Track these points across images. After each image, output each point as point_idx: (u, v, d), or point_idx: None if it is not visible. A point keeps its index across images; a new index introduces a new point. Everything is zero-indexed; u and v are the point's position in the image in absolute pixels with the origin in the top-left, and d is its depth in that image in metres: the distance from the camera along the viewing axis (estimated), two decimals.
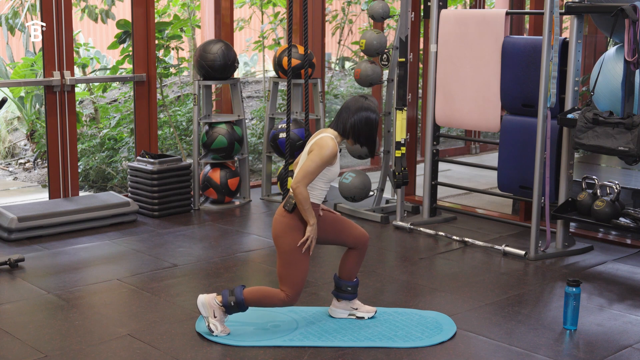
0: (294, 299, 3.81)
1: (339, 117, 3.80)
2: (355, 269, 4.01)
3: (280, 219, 3.78)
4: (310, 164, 3.69)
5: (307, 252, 3.78)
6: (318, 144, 3.72)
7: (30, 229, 5.54)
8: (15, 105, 8.93)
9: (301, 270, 3.77)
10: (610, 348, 3.80)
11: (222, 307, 3.82)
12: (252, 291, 3.82)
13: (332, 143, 3.71)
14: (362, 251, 3.98)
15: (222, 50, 6.39)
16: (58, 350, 3.69)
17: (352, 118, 3.76)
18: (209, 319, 3.83)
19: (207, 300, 3.84)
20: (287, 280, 3.78)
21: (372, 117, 3.77)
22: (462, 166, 7.33)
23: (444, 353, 3.71)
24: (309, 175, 3.69)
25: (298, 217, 3.76)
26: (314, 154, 3.70)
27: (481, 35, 5.57)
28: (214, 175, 6.46)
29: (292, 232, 3.75)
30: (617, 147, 4.60)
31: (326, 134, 3.76)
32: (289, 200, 3.76)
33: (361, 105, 3.78)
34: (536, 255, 5.18)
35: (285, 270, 3.78)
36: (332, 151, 3.70)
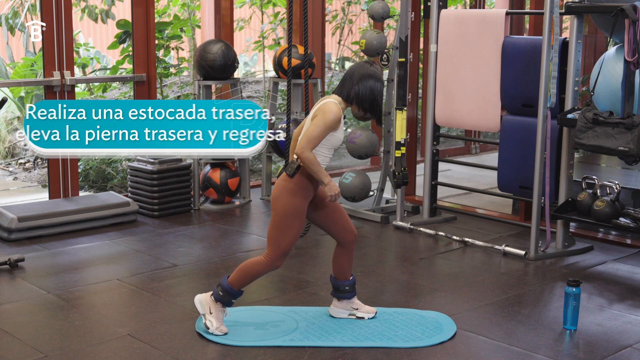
0: (276, 261, 3.80)
1: (344, 83, 3.78)
2: (347, 267, 4.01)
3: (281, 182, 3.78)
4: (314, 129, 3.68)
5: (300, 221, 3.76)
6: (322, 109, 3.71)
7: (30, 229, 5.54)
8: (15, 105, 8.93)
9: (290, 235, 3.76)
10: (610, 348, 3.80)
11: (216, 301, 3.83)
12: (235, 273, 3.84)
13: (335, 108, 3.70)
14: (349, 248, 3.98)
15: (222, 50, 6.40)
16: (58, 350, 3.69)
17: (357, 85, 3.75)
18: (205, 315, 3.85)
19: (203, 297, 3.89)
20: (273, 242, 3.78)
21: (376, 85, 3.77)
22: (462, 166, 7.33)
23: (444, 353, 3.71)
24: (312, 140, 3.68)
25: (298, 182, 3.75)
26: (317, 119, 3.70)
27: (481, 35, 5.57)
28: (214, 175, 6.46)
29: (290, 196, 3.75)
30: (617, 147, 4.60)
31: (330, 99, 3.76)
32: (290, 165, 3.76)
33: (366, 71, 3.76)
34: (536, 255, 5.17)
35: (274, 233, 3.78)
36: (336, 116, 3.69)
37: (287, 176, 3.76)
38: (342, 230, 3.94)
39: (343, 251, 3.99)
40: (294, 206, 3.75)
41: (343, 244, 3.97)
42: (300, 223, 3.79)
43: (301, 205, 3.77)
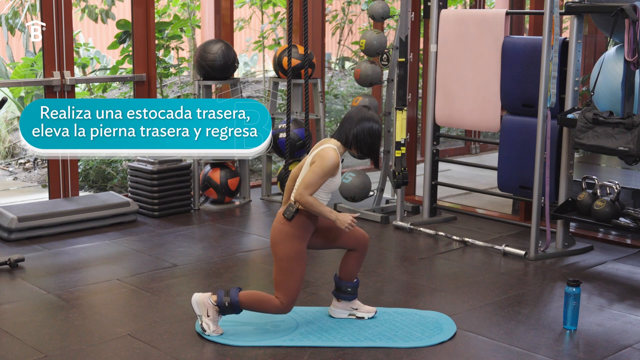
0: (288, 307, 3.81)
1: (342, 127, 3.80)
2: (355, 270, 4.01)
3: (279, 226, 3.78)
4: (312, 176, 3.69)
5: (303, 261, 3.78)
6: (320, 155, 3.72)
7: (30, 229, 5.54)
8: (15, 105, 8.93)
9: (296, 278, 3.77)
10: (610, 348, 3.80)
11: (216, 306, 3.83)
12: (248, 294, 3.83)
13: (334, 154, 3.71)
14: (362, 252, 3.99)
15: (222, 50, 6.40)
16: (58, 350, 3.69)
17: (355, 128, 3.76)
18: (202, 317, 3.84)
19: (201, 299, 3.85)
20: (282, 288, 3.78)
21: (375, 128, 3.78)
22: (462, 166, 7.33)
23: (444, 353, 3.71)
24: (311, 186, 3.69)
25: (297, 225, 3.76)
26: (316, 165, 3.70)
27: (481, 35, 5.57)
28: (214, 175, 6.46)
29: (289, 240, 3.75)
30: (617, 147, 4.60)
31: (329, 144, 3.77)
32: (288, 209, 3.75)
33: (364, 115, 3.78)
34: (536, 255, 5.17)
35: (280, 278, 3.78)
36: (334, 162, 3.70)
37: (285, 220, 3.76)
38: (351, 239, 3.94)
39: (355, 254, 3.99)
40: (295, 250, 3.76)
41: (358, 250, 3.98)
42: (303, 263, 3.79)
43: (302, 247, 3.78)
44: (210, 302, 3.82)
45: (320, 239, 3.90)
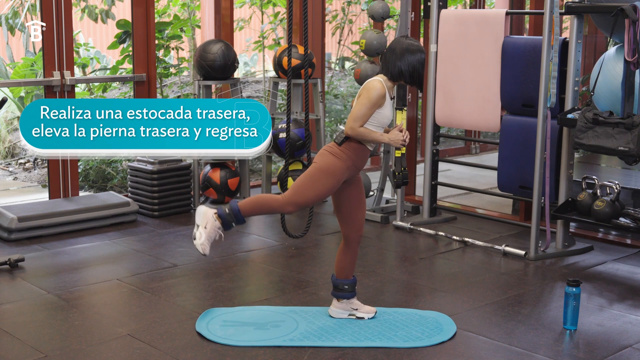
0: (290, 206, 3.79)
1: (387, 62, 3.81)
2: (349, 267, 4.01)
3: (327, 147, 3.83)
4: (359, 108, 3.73)
5: (333, 182, 3.76)
6: (366, 88, 3.77)
7: (30, 229, 5.54)
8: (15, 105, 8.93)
9: (316, 190, 3.77)
10: (610, 348, 3.80)
11: (218, 217, 3.83)
12: (248, 199, 3.86)
13: (379, 85, 3.75)
14: (353, 248, 3.99)
15: (222, 50, 6.40)
16: (58, 350, 3.69)
17: (401, 61, 3.77)
18: (199, 227, 3.86)
19: (206, 211, 3.87)
20: (298, 189, 3.78)
21: (415, 58, 3.78)
22: (462, 166, 7.33)
23: (444, 353, 3.71)
24: (359, 118, 3.72)
25: (344, 151, 3.78)
26: (362, 98, 3.75)
27: (481, 35, 5.57)
28: (214, 175, 6.46)
29: (333, 157, 3.77)
30: (617, 147, 4.60)
31: (375, 77, 3.81)
32: (340, 135, 3.80)
33: (406, 47, 3.78)
34: (536, 255, 5.17)
35: (303, 181, 3.78)
36: (380, 92, 3.73)
37: (335, 144, 3.80)
38: (352, 225, 3.94)
39: (347, 250, 3.99)
40: (333, 165, 3.77)
41: (346, 240, 3.98)
42: (331, 184, 3.77)
43: (340, 168, 3.78)
44: (212, 217, 3.84)
45: (343, 191, 3.89)
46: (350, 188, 3.91)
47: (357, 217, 3.95)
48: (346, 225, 3.96)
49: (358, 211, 3.95)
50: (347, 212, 3.93)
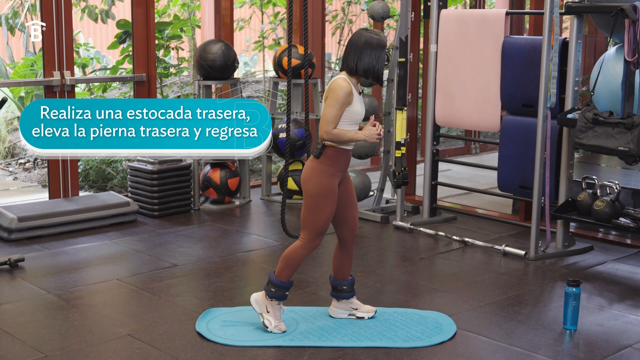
0: (313, 242, 3.82)
1: (347, 57, 3.77)
2: (346, 267, 4.01)
3: (309, 164, 3.83)
4: (329, 110, 3.71)
5: (332, 199, 3.78)
6: (331, 88, 3.74)
7: (30, 229, 5.54)
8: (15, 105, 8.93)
9: (323, 215, 3.78)
10: (610, 348, 3.80)
11: (271, 299, 3.87)
12: (278, 265, 3.87)
13: (344, 83, 3.71)
14: (348, 249, 3.99)
15: (222, 50, 6.40)
16: (58, 350, 3.69)
17: (358, 57, 3.72)
18: (262, 315, 3.89)
19: (259, 296, 3.92)
20: (308, 224, 3.80)
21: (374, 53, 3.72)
22: (462, 166, 7.33)
23: (444, 353, 3.71)
24: (331, 121, 3.70)
25: (325, 162, 3.78)
26: (329, 99, 3.72)
27: (481, 35, 5.57)
28: (214, 175, 6.46)
29: (319, 176, 3.78)
30: (617, 147, 4.60)
31: (338, 76, 3.78)
32: (316, 147, 3.80)
33: (365, 40, 3.73)
34: (536, 255, 5.17)
35: (308, 214, 3.80)
36: (346, 90, 3.70)
37: (314, 157, 3.80)
38: (345, 226, 3.95)
39: (342, 251, 3.99)
40: (325, 185, 3.78)
41: (342, 241, 3.98)
42: (332, 202, 3.80)
43: (331, 184, 3.79)
44: (266, 298, 3.89)
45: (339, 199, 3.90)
46: (340, 189, 3.91)
47: (351, 216, 3.95)
48: (340, 226, 3.96)
49: (351, 211, 3.95)
50: (340, 213, 3.94)
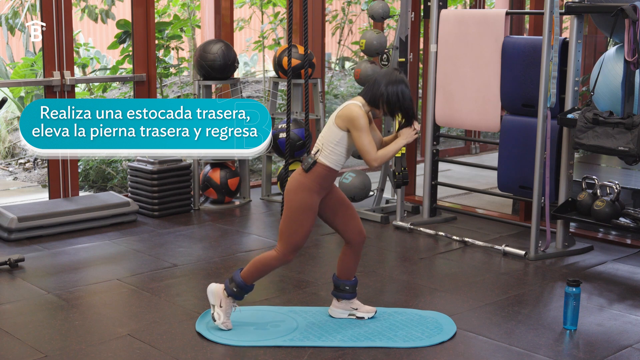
0: (287, 256, 3.83)
1: (370, 87, 3.77)
2: (352, 268, 4.01)
3: (297, 176, 3.82)
4: (361, 141, 3.70)
5: (312, 216, 3.79)
6: (349, 119, 3.70)
7: (30, 229, 5.54)
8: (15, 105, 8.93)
9: (302, 230, 3.79)
10: (610, 348, 3.80)
11: (229, 296, 3.86)
12: (247, 267, 3.88)
13: (358, 110, 3.71)
14: (357, 250, 3.99)
15: (222, 50, 6.40)
16: (58, 350, 3.69)
17: (385, 89, 3.73)
18: (215, 307, 3.89)
19: (216, 289, 3.92)
20: (285, 237, 3.81)
21: (406, 91, 3.74)
22: (462, 166, 7.33)
23: (444, 353, 3.71)
24: (369, 148, 3.71)
25: (312, 178, 3.77)
26: (354, 131, 3.70)
27: (481, 35, 5.57)
28: (214, 175, 6.46)
29: (303, 191, 3.77)
30: (617, 147, 4.60)
31: (352, 101, 3.77)
32: (307, 160, 3.79)
33: (395, 77, 3.74)
34: (536, 255, 5.17)
35: (286, 227, 3.81)
36: (364, 116, 3.71)
37: (303, 171, 3.79)
38: (351, 230, 3.95)
39: (350, 252, 3.99)
40: (307, 201, 3.77)
41: (351, 244, 3.98)
42: (312, 218, 3.81)
43: (314, 201, 3.79)
44: (223, 293, 3.88)
45: (329, 210, 3.91)
46: (330, 201, 3.90)
47: (353, 222, 3.95)
48: (346, 233, 3.96)
49: (351, 218, 3.95)
50: (341, 222, 3.94)
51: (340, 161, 3.81)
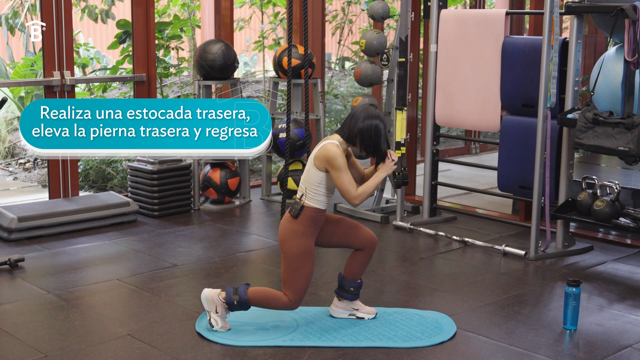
0: (297, 303, 3.83)
1: (346, 123, 3.80)
2: (360, 270, 4.01)
3: (287, 224, 3.81)
4: (340, 180, 3.70)
5: (311, 258, 3.80)
6: (326, 159, 3.71)
7: (30, 229, 5.54)
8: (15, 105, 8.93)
9: (305, 275, 3.79)
10: (610, 348, 3.80)
11: (225, 304, 3.84)
12: (256, 292, 3.85)
13: (335, 149, 3.71)
14: (369, 253, 3.99)
15: (222, 50, 6.40)
16: (58, 350, 3.69)
17: (359, 125, 3.74)
18: (210, 313, 3.87)
19: (210, 295, 3.88)
20: (291, 285, 3.80)
21: (379, 126, 3.75)
22: (462, 166, 7.33)
23: (444, 353, 3.71)
24: (350, 187, 3.71)
25: (303, 223, 3.78)
26: (333, 171, 3.70)
27: (481, 35, 5.57)
28: (214, 175, 6.46)
29: (297, 238, 3.77)
30: (617, 147, 4.60)
31: (329, 140, 3.78)
32: (294, 206, 3.79)
33: (370, 113, 3.77)
34: (536, 255, 5.17)
35: (289, 275, 3.80)
36: (341, 155, 3.71)
37: (292, 217, 3.78)
38: (358, 241, 3.95)
39: (362, 254, 3.99)
40: (303, 247, 3.78)
41: (363, 250, 3.98)
42: (311, 261, 3.81)
43: (309, 244, 3.80)
44: (219, 299, 3.86)
45: (327, 235, 3.91)
46: (328, 229, 3.90)
47: (360, 232, 3.96)
48: (353, 244, 3.97)
49: (355, 228, 3.95)
50: (341, 240, 3.95)
51: (325, 200, 3.81)
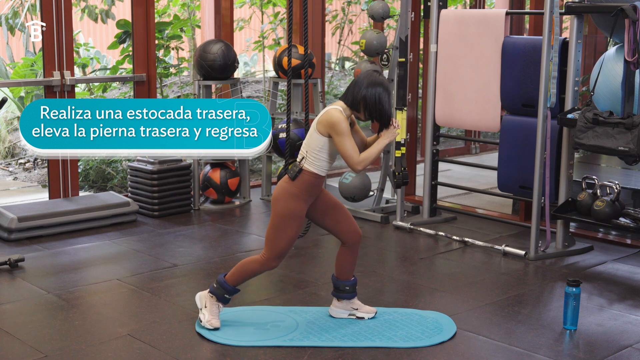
0: (272, 262, 3.83)
1: (349, 90, 3.77)
2: (350, 267, 4.01)
3: (283, 184, 3.82)
4: (343, 145, 3.68)
5: (298, 223, 3.79)
6: (330, 124, 3.69)
7: (30, 229, 5.54)
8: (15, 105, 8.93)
9: (287, 237, 3.79)
10: (610, 348, 3.80)
11: (211, 294, 3.91)
12: (232, 270, 3.91)
13: (339, 115, 3.69)
14: (353, 249, 3.99)
15: (222, 50, 6.40)
16: (58, 350, 3.69)
17: (363, 92, 3.72)
18: (201, 309, 3.95)
19: (202, 293, 4.00)
20: (270, 243, 3.82)
21: (383, 95, 3.73)
22: (462, 166, 7.33)
23: (444, 353, 3.71)
24: (352, 152, 3.69)
25: (299, 186, 3.78)
26: (335, 136, 3.69)
27: (481, 35, 5.57)
28: (214, 175, 6.46)
29: (290, 199, 3.78)
30: (617, 147, 4.60)
31: (332, 106, 3.76)
32: (292, 168, 3.79)
33: (373, 80, 3.74)
34: (536, 255, 5.17)
35: (272, 233, 3.81)
36: (344, 120, 3.69)
37: (289, 178, 3.78)
38: (346, 231, 3.95)
39: (347, 251, 3.99)
40: (294, 209, 3.78)
41: (348, 244, 3.98)
42: (298, 226, 3.81)
43: (301, 208, 3.79)
44: (207, 294, 3.94)
45: (320, 214, 3.92)
46: (319, 205, 3.90)
47: (347, 223, 3.95)
48: (339, 234, 3.97)
49: (344, 218, 3.95)
50: (332, 224, 3.95)
51: (325, 167, 3.81)
